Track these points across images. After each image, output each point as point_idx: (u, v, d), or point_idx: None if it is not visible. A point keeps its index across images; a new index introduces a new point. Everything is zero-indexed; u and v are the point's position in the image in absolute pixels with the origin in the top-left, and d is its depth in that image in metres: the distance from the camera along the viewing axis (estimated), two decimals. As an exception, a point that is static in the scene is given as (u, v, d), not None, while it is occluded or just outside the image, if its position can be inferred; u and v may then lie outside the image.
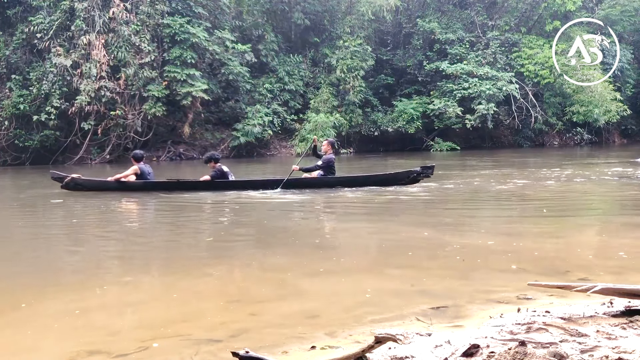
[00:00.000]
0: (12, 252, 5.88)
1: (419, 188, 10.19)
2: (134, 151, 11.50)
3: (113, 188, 10.53)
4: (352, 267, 4.73)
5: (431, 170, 10.37)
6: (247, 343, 2.80)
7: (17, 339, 3.20)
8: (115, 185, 10.56)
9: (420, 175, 10.36)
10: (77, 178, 10.74)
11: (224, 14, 25.38)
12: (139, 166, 10.60)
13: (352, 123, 25.42)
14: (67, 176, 10.79)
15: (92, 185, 10.82)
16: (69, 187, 10.67)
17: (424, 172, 10.35)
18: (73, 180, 10.66)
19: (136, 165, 10.60)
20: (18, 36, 22.45)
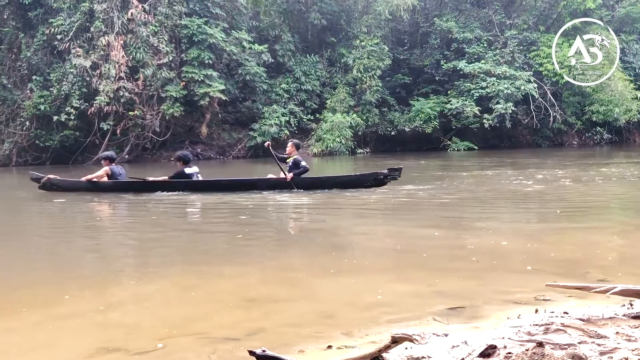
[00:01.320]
0: (29, 251, 5.96)
1: (434, 188, 10.13)
2: (105, 152, 11.63)
3: (85, 188, 10.65)
4: (368, 267, 4.73)
5: (398, 172, 10.14)
6: (263, 342, 2.81)
7: (37, 337, 3.25)
8: (87, 186, 10.66)
9: (387, 177, 10.15)
10: (53, 178, 10.91)
11: (241, 15, 25.49)
12: (110, 167, 10.75)
13: (369, 123, 25.38)
14: (44, 176, 10.96)
15: (66, 186, 10.96)
16: (45, 188, 10.84)
17: (390, 174, 10.11)
18: (49, 180, 10.83)
19: (107, 167, 10.75)
20: (39, 38, 22.77)
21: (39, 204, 9.87)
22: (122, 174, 10.88)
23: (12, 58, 23.37)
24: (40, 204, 9.93)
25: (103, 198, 10.03)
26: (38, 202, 10.04)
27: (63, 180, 11.08)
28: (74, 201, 9.86)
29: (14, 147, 22.41)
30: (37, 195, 10.64)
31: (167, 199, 9.66)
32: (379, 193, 9.74)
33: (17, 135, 22.55)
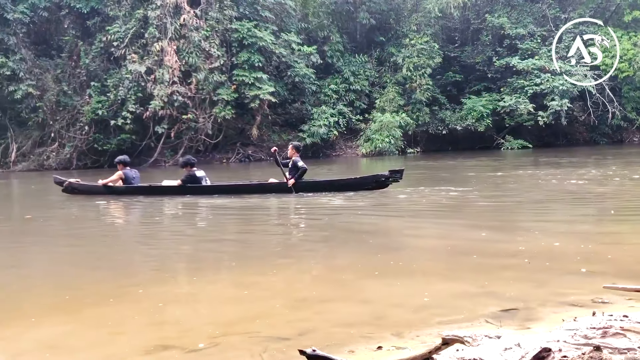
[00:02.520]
0: (88, 251, 6.19)
1: (485, 188, 9.94)
2: (120, 157, 11.71)
3: (101, 192, 10.94)
4: (418, 268, 4.69)
5: (400, 174, 9.92)
6: (314, 342, 2.83)
7: (97, 334, 3.37)
8: (103, 190, 10.94)
9: (389, 179, 9.95)
10: (74, 182, 11.26)
11: (290, 17, 25.70)
12: (124, 171, 10.96)
13: (419, 122, 25.12)
14: (66, 180, 11.30)
15: (85, 189, 11.27)
16: (67, 191, 11.18)
17: (392, 176, 9.89)
18: (70, 184, 11.17)
19: (121, 171, 10.97)
20: (96, 45, 23.61)
21: (88, 206, 10.17)
22: (135, 177, 11.10)
23: (72, 65, 24.32)
24: (88, 206, 10.22)
25: (150, 201, 10.26)
26: (86, 204, 10.35)
27: (82, 185, 11.42)
28: (119, 203, 10.16)
29: (74, 150, 23.31)
30: (83, 198, 10.95)
31: (206, 202, 9.77)
32: (429, 193, 9.63)
33: (77, 139, 23.44)
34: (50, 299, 4.16)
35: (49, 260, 5.71)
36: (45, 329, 3.45)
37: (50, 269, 5.20)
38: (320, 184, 10.45)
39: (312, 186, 10.28)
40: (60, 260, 5.67)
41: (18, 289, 4.52)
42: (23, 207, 10.37)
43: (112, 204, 10.16)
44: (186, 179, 10.41)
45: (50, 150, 23.63)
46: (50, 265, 5.42)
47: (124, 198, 10.63)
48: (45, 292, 4.38)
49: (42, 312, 3.80)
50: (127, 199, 10.56)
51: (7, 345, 3.24)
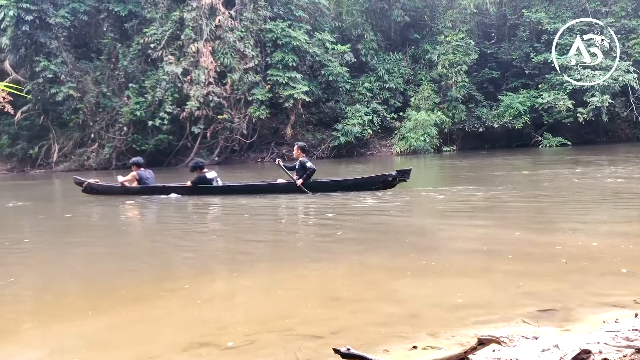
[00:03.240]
0: (124, 249, 6.32)
1: (522, 187, 9.75)
2: (134, 158, 12.10)
3: (118, 192, 11.28)
4: (454, 267, 4.63)
5: (407, 174, 9.75)
6: (348, 340, 2.83)
7: (137, 330, 3.45)
8: (120, 190, 11.26)
9: (396, 179, 9.80)
10: (93, 183, 11.57)
11: (324, 16, 25.74)
12: (138, 172, 11.25)
13: (455, 120, 24.83)
14: (85, 181, 11.63)
15: (102, 190, 11.60)
16: (87, 191, 11.52)
17: (399, 176, 9.75)
18: (89, 184, 11.51)
19: (135, 172, 11.27)
20: (134, 47, 24.11)
21: (118, 206, 10.36)
22: (149, 177, 11.34)
23: (111, 67, 24.89)
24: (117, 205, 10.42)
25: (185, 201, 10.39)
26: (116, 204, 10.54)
27: (100, 185, 11.73)
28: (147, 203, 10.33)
29: (114, 151, 23.85)
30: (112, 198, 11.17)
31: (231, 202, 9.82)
32: (466, 192, 9.51)
33: (116, 139, 23.98)
34: (90, 297, 4.27)
35: (89, 258, 5.85)
36: (86, 325, 3.54)
37: (90, 267, 5.33)
38: (328, 184, 10.41)
39: (321, 186, 10.26)
40: (99, 258, 5.81)
41: (61, 286, 4.65)
42: (63, 205, 10.65)
43: (140, 204, 10.33)
44: (197, 181, 10.64)
45: (90, 151, 24.23)
46: (90, 263, 5.55)
47: (140, 198, 10.85)
48: (85, 290, 4.49)
49: (83, 308, 3.89)
50: (142, 199, 10.77)
51: (51, 339, 3.33)
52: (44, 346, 3.25)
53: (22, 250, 6.36)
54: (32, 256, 6.04)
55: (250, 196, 10.21)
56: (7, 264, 5.61)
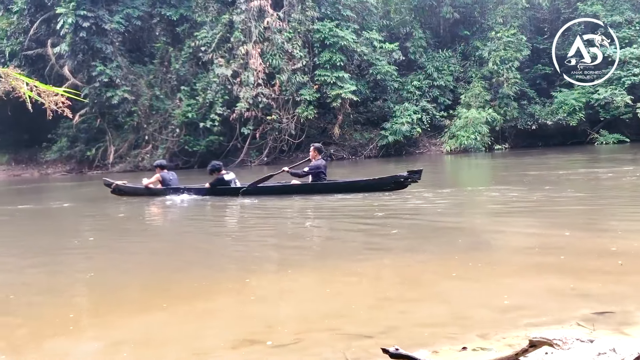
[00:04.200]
0: (179, 248, 6.47)
1: (577, 186, 9.43)
2: (157, 161, 12.68)
3: (143, 193, 11.64)
4: (505, 268, 4.54)
5: (418, 174, 9.60)
6: (396, 340, 2.82)
7: (187, 327, 3.52)
8: (145, 191, 11.61)
9: (408, 180, 9.63)
10: (120, 184, 11.98)
11: (372, 15, 25.64)
12: (162, 174, 11.63)
13: (507, 117, 24.25)
14: (113, 182, 12.07)
15: (129, 191, 11.96)
16: (115, 192, 11.94)
17: (411, 176, 9.60)
18: (117, 186, 11.93)
19: (159, 174, 11.64)
20: (185, 51, 24.65)
21: (169, 206, 10.59)
22: (172, 179, 11.68)
23: (164, 71, 25.51)
24: (168, 206, 10.65)
25: (224, 201, 10.52)
26: (166, 205, 10.77)
27: (127, 186, 12.07)
28: (192, 204, 10.50)
29: (167, 152, 24.43)
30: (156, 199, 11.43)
31: (272, 203, 9.87)
32: (518, 191, 9.28)
33: (169, 141, 24.56)
34: (145, 293, 4.39)
35: (144, 256, 6.02)
36: (140, 321, 3.65)
37: (146, 265, 5.48)
38: (340, 185, 10.37)
39: (332, 188, 10.22)
40: (154, 256, 5.97)
41: (118, 283, 4.80)
42: (105, 205, 10.99)
43: (184, 205, 10.53)
44: (215, 182, 10.87)
45: (144, 152, 24.91)
46: (146, 261, 5.71)
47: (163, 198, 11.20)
48: (141, 287, 4.63)
49: (138, 305, 4.02)
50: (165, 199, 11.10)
51: (106, 333, 3.45)
52: (100, 339, 3.38)
53: (90, 248, 6.61)
54: (99, 254, 6.27)
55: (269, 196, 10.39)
56: (81, 261, 5.85)
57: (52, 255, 6.27)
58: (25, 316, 3.91)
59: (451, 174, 16.41)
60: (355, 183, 10.45)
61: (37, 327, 3.63)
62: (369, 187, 9.99)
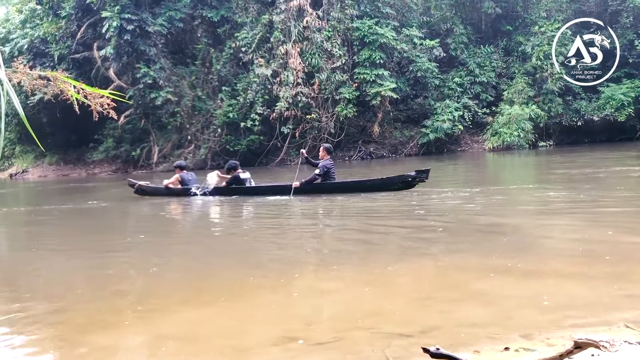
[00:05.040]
0: (221, 246, 6.57)
1: (627, 184, 9.12)
2: (177, 162, 13.18)
3: (163, 193, 12.04)
4: (550, 268, 4.44)
5: (426, 174, 9.60)
6: (437, 340, 2.79)
7: (230, 324, 3.58)
8: (165, 191, 12.01)
9: (415, 180, 9.64)
10: (143, 185, 12.49)
11: (411, 12, 25.44)
12: (181, 175, 12.05)
13: (551, 113, 23.68)
14: (136, 183, 12.59)
15: (151, 191, 12.40)
16: (138, 192, 12.45)
17: (418, 176, 9.65)
18: (140, 186, 12.43)
19: (178, 174, 12.08)
20: (226, 51, 25.00)
21: (207, 206, 10.73)
22: (191, 179, 12.03)
23: (205, 72, 25.93)
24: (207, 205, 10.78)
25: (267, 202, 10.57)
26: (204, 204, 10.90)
27: (149, 187, 12.56)
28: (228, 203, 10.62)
29: (209, 151, 24.85)
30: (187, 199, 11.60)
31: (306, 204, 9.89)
32: (563, 190, 9.06)
33: (210, 141, 24.97)
34: (190, 290, 4.48)
35: (188, 253, 6.14)
36: (184, 317, 3.73)
37: (190, 262, 5.59)
38: (346, 185, 10.41)
39: (339, 187, 10.25)
40: (197, 254, 6.08)
41: (161, 281, 4.92)
42: (158, 205, 11.24)
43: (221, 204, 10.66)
44: (231, 181, 11.16)
45: (187, 152, 25.38)
46: (190, 258, 5.82)
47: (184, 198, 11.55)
48: (186, 283, 4.72)
49: (181, 301, 4.10)
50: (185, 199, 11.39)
51: (152, 328, 3.54)
52: (144, 334, 3.46)
53: (138, 244, 6.80)
54: (144, 251, 6.44)
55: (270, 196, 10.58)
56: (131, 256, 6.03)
57: (109, 252, 6.46)
58: (84, 310, 4.05)
59: (493, 172, 16.13)
60: (362, 183, 10.53)
61: (93, 320, 3.76)
62: (377, 187, 10.03)
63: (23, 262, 6.30)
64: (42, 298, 4.51)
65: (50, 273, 5.55)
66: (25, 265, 6.03)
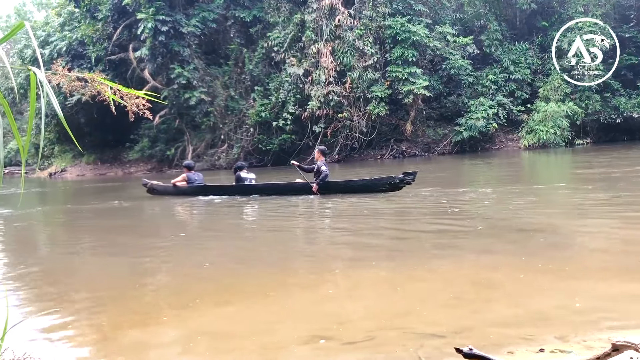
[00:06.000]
0: (252, 245, 6.63)
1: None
2: (185, 162, 13.69)
3: (172, 192, 12.51)
4: (588, 269, 4.34)
5: (413, 176, 9.70)
6: (470, 341, 2.76)
7: (262, 322, 3.61)
8: (173, 190, 12.48)
9: (402, 182, 9.72)
10: (155, 184, 13.05)
11: (444, 8, 25.19)
12: (188, 174, 12.53)
13: (589, 111, 23.15)
14: (149, 182, 13.18)
15: (161, 190, 12.87)
16: (150, 191, 13.01)
17: (405, 178, 9.78)
18: (152, 185, 13.00)
19: (185, 174, 12.56)
20: (259, 51, 25.17)
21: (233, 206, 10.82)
22: (197, 179, 12.51)
23: (238, 72, 26.17)
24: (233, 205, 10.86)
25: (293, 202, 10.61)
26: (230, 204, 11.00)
27: (159, 185, 13.03)
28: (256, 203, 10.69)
29: (241, 151, 25.07)
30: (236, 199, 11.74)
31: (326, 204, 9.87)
32: (600, 190, 8.84)
33: (243, 140, 25.18)
34: (223, 288, 4.53)
35: (221, 252, 6.21)
36: (216, 316, 3.77)
37: (222, 261, 5.65)
38: (338, 185, 10.65)
39: (332, 187, 10.47)
40: (230, 253, 6.14)
41: (197, 279, 4.98)
42: (189, 205, 11.41)
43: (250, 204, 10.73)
44: (235, 181, 11.77)
45: (220, 151, 25.66)
46: (223, 256, 5.89)
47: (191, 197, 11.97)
48: (220, 281, 4.77)
49: (215, 299, 4.15)
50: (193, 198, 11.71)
51: (184, 325, 3.59)
52: (179, 330, 3.52)
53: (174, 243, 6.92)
54: (180, 249, 6.55)
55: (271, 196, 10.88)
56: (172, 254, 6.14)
57: (146, 250, 6.59)
58: (122, 306, 4.14)
59: (529, 171, 15.86)
60: (352, 183, 10.83)
61: (130, 316, 3.83)
62: (365, 188, 10.25)
63: (63, 259, 6.46)
64: (82, 294, 4.63)
65: (90, 270, 5.69)
66: (65, 263, 6.19)
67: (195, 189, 12.20)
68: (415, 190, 9.93)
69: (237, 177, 11.74)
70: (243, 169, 11.97)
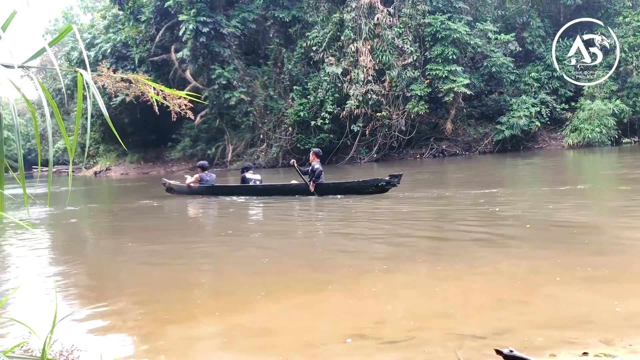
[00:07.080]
0: (290, 245, 6.67)
1: None
2: (200, 162, 13.98)
3: (186, 192, 12.85)
4: (631, 271, 4.22)
5: (398, 179, 9.96)
6: (511, 342, 2.73)
7: (302, 320, 3.64)
8: (187, 190, 12.82)
9: (388, 184, 9.85)
10: (172, 184, 13.46)
11: (486, 5, 24.81)
12: (201, 174, 12.84)
13: (637, 108, 22.44)
14: (167, 182, 13.64)
15: (178, 189, 13.25)
16: (168, 191, 13.46)
17: (391, 181, 9.98)
18: (170, 185, 13.45)
19: (198, 174, 12.87)
20: (297, 51, 25.30)
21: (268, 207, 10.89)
22: (209, 180, 12.80)
23: (277, 72, 26.37)
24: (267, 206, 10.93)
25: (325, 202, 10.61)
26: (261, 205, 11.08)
27: (176, 185, 13.44)
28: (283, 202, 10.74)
29: (280, 150, 25.25)
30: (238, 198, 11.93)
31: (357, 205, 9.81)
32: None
33: (282, 139, 25.36)
34: (263, 287, 4.58)
35: (254, 254, 6.27)
36: (257, 312, 3.82)
37: (263, 260, 5.71)
38: (327, 186, 10.90)
39: (320, 188, 10.76)
40: (269, 252, 6.20)
41: (237, 277, 5.06)
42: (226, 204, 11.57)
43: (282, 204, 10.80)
44: (241, 181, 12.16)
45: (259, 151, 25.92)
46: (257, 258, 5.95)
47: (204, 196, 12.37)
48: (260, 280, 4.83)
49: (256, 298, 4.20)
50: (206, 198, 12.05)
51: (225, 322, 3.65)
52: (220, 327, 3.58)
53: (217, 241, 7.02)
54: (220, 247, 6.65)
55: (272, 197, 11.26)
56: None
57: (188, 247, 6.73)
58: (165, 303, 4.24)
59: (574, 170, 15.47)
60: (339, 185, 11.09)
61: (173, 313, 3.93)
62: (352, 190, 10.53)
63: (109, 256, 6.65)
64: (126, 291, 4.76)
65: (134, 267, 5.83)
66: (110, 259, 6.37)
67: (205, 190, 12.58)
68: (452, 189, 9.83)
69: (242, 178, 12.09)
70: (249, 170, 12.36)
